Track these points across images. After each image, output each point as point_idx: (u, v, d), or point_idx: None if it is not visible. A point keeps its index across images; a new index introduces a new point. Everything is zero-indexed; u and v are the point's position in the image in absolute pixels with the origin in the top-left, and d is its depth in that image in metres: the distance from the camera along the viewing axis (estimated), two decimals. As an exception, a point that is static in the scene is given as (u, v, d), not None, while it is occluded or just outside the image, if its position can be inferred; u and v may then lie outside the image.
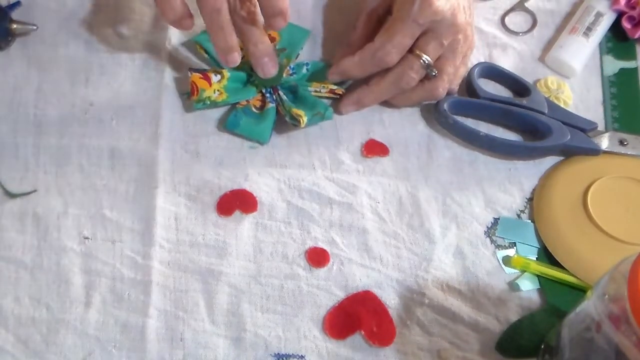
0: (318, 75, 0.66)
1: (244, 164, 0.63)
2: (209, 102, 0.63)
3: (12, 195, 0.60)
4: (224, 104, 0.64)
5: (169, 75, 0.67)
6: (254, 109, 0.64)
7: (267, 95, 0.64)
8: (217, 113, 0.65)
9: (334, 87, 0.65)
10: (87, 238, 0.59)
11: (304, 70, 0.66)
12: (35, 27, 0.68)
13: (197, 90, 0.63)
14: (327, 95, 0.65)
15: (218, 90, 0.63)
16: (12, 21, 0.67)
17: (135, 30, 0.69)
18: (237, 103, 0.64)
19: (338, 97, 0.65)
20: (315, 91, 0.65)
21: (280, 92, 0.64)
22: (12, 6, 0.69)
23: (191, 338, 0.55)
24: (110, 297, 0.56)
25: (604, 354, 0.44)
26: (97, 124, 0.64)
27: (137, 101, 0.65)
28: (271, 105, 0.64)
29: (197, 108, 0.64)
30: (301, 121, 0.62)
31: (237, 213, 0.60)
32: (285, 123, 0.63)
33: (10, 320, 0.55)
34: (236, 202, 0.60)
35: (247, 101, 0.64)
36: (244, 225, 0.60)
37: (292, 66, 0.66)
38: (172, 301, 0.56)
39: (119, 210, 0.60)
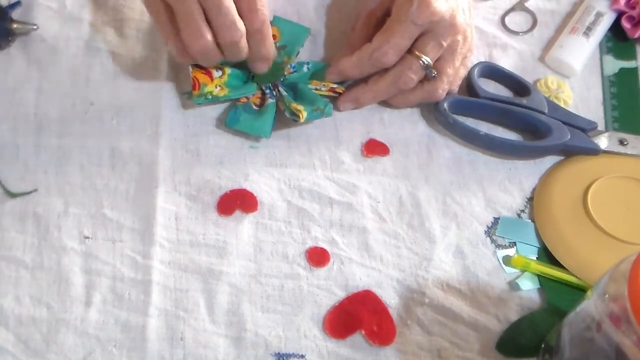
0: (318, 74, 0.66)
1: (245, 164, 0.63)
2: (210, 97, 0.63)
3: (12, 195, 0.60)
4: (225, 99, 0.64)
5: (169, 75, 0.67)
6: (253, 107, 0.64)
7: (267, 91, 0.64)
8: (217, 112, 0.65)
9: (335, 85, 0.65)
10: (87, 237, 0.59)
11: (305, 69, 0.66)
12: (35, 27, 0.68)
13: (199, 85, 0.63)
14: (327, 93, 0.65)
15: (219, 86, 0.63)
16: (12, 21, 0.67)
17: (136, 30, 0.69)
18: (238, 100, 0.64)
19: (338, 95, 0.65)
20: (316, 89, 0.65)
21: (281, 89, 0.64)
22: (13, 6, 0.69)
23: (191, 337, 0.55)
24: (111, 297, 0.56)
25: (605, 354, 0.44)
26: (97, 123, 0.64)
27: (137, 101, 0.65)
28: (271, 101, 0.64)
29: (197, 103, 0.64)
30: (300, 116, 0.61)
31: (237, 213, 0.60)
32: (285, 122, 0.63)
33: (11, 319, 0.55)
34: (236, 201, 0.60)
35: (247, 98, 0.64)
36: (244, 224, 0.60)
37: (292, 65, 0.66)
38: (172, 301, 0.56)
39: (120, 209, 0.60)
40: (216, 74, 0.64)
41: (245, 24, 0.59)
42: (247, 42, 0.60)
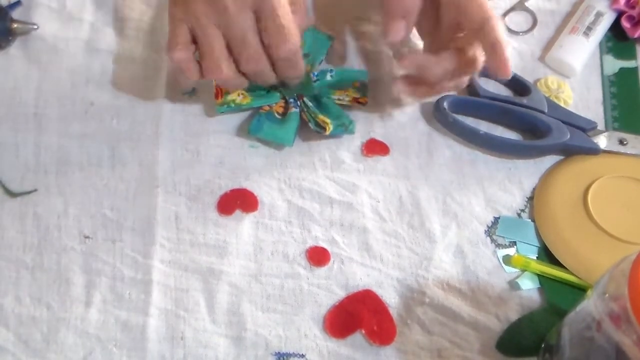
0: (342, 82, 0.65)
1: (245, 163, 0.63)
2: (233, 105, 0.63)
3: (12, 195, 0.60)
4: (247, 107, 0.64)
5: (169, 75, 0.67)
6: (276, 115, 0.64)
7: (291, 101, 0.64)
8: (216, 112, 0.65)
9: (357, 95, 0.64)
10: (87, 237, 0.59)
11: (328, 77, 0.65)
12: (35, 27, 0.68)
13: (222, 94, 0.63)
14: (350, 103, 0.65)
15: (242, 94, 0.63)
16: (12, 21, 0.67)
17: (136, 30, 0.69)
18: (260, 108, 0.64)
19: (361, 105, 0.65)
20: (339, 99, 0.64)
21: (305, 99, 0.64)
22: (13, 6, 0.69)
23: (192, 337, 0.55)
24: (111, 296, 0.56)
25: (605, 353, 0.44)
26: (97, 123, 0.64)
27: (137, 101, 0.65)
28: (295, 110, 0.63)
29: (220, 112, 0.64)
30: (327, 128, 0.61)
31: (237, 212, 0.60)
32: (305, 130, 0.63)
33: (11, 319, 0.55)
34: (236, 201, 0.60)
35: (270, 107, 0.64)
36: (245, 224, 0.60)
37: (315, 73, 0.66)
38: (172, 300, 0.56)
39: (120, 209, 0.60)
40: None
41: (273, 54, 0.59)
42: (275, 68, 0.60)
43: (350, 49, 0.69)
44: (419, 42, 0.66)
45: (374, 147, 0.64)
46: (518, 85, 0.68)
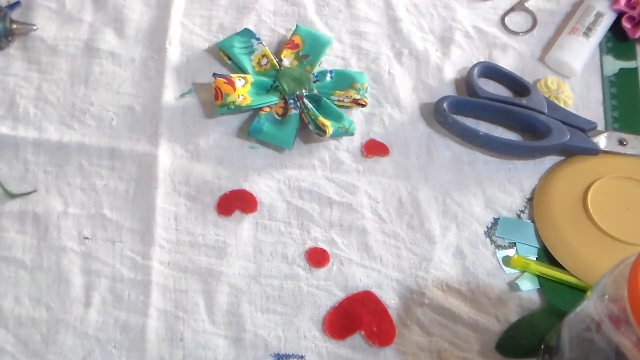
0: (341, 83, 0.65)
1: (244, 164, 0.63)
2: (233, 107, 0.62)
3: (12, 196, 0.60)
4: (247, 108, 0.63)
5: (169, 75, 0.67)
6: (276, 116, 0.64)
7: (291, 102, 0.64)
8: (216, 113, 0.65)
9: (357, 96, 0.64)
10: (87, 238, 0.59)
11: (328, 78, 0.66)
12: (35, 27, 0.68)
13: (222, 95, 0.62)
14: (350, 104, 0.65)
15: (242, 95, 0.63)
16: (12, 21, 0.67)
17: (136, 30, 0.69)
18: (260, 109, 0.64)
19: (361, 106, 0.65)
20: (339, 100, 0.64)
21: (305, 100, 0.64)
22: (12, 6, 0.69)
23: (191, 338, 0.55)
24: (110, 297, 0.56)
25: (604, 354, 0.44)
26: (97, 123, 0.64)
27: (137, 101, 0.65)
28: (294, 112, 0.63)
29: (220, 113, 0.63)
30: (327, 131, 0.61)
31: (237, 213, 0.60)
32: (304, 131, 0.63)
33: (10, 320, 0.55)
34: (236, 202, 0.60)
35: (270, 107, 0.64)
36: (244, 225, 0.60)
37: (315, 74, 0.66)
38: (172, 301, 0.56)
39: (119, 210, 0.60)
40: (239, 83, 0.63)
41: None
42: None
43: (350, 49, 0.69)
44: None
45: (374, 148, 0.64)
46: (518, 86, 0.67)
